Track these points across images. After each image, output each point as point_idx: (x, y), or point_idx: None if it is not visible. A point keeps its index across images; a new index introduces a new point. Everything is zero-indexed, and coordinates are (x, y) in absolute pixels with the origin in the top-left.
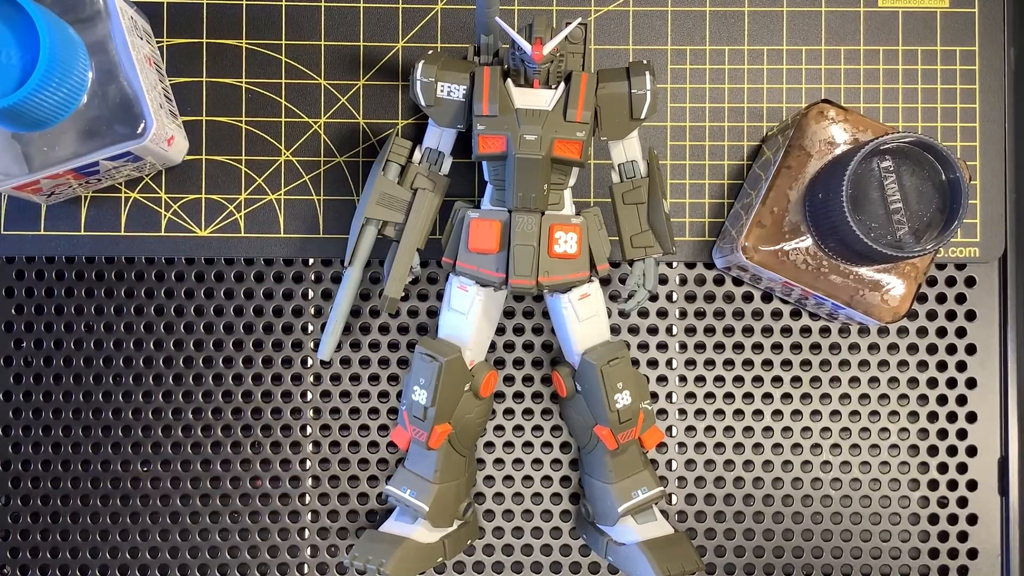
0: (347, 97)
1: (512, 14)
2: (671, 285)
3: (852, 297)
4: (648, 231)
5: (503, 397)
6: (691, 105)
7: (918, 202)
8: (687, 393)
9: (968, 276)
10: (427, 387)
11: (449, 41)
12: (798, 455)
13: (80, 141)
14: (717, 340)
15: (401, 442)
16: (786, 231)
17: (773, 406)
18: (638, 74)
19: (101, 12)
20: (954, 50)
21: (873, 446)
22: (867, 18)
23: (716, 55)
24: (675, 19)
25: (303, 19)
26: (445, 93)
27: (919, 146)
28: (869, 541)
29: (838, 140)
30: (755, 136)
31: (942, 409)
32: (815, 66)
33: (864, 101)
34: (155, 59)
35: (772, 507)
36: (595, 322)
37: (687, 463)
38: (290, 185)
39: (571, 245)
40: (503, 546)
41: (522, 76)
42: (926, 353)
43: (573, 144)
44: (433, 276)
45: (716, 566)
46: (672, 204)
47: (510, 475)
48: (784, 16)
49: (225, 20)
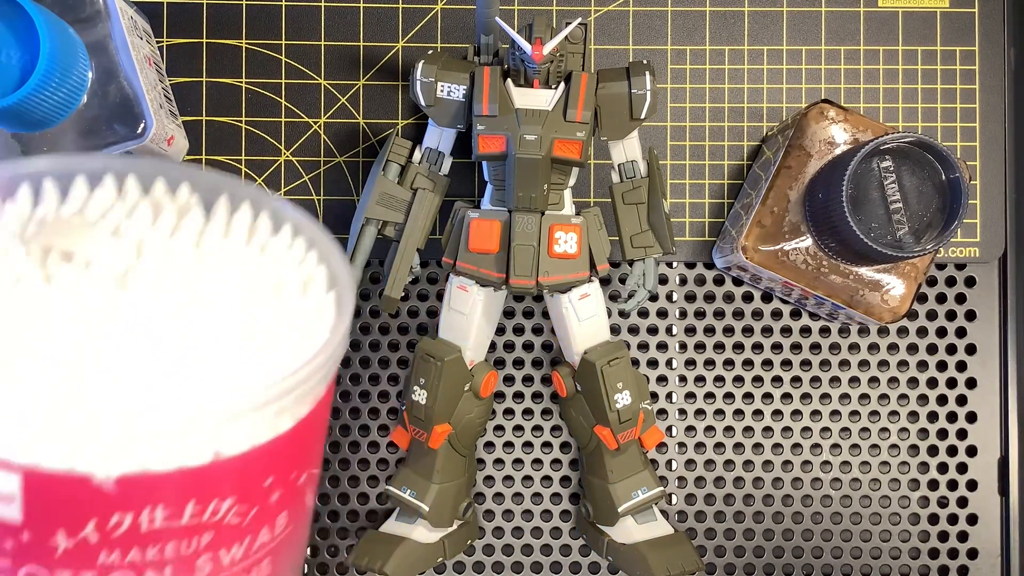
0: (347, 97)
1: (512, 14)
2: (671, 285)
3: (852, 297)
4: (648, 231)
5: (503, 397)
6: (691, 105)
7: (918, 202)
8: (687, 393)
9: (968, 276)
10: (427, 387)
11: (449, 41)
12: (798, 455)
13: (80, 141)
14: (717, 340)
15: (401, 442)
16: (786, 231)
17: (773, 406)
18: (638, 74)
19: (101, 12)
20: (954, 50)
21: (873, 446)
22: (867, 18)
23: (716, 55)
24: (675, 19)
25: (303, 19)
26: (445, 93)
27: (919, 146)
28: (869, 541)
29: (838, 140)
30: (755, 136)
31: (942, 409)
32: (815, 66)
33: (864, 101)
34: (155, 59)
35: (772, 507)
36: (595, 322)
37: (687, 463)
38: (290, 185)
39: (571, 245)
40: (503, 546)
41: (522, 76)
42: (926, 353)
43: (573, 144)
44: (433, 276)
45: (716, 566)
46: (672, 204)
47: (510, 475)
48: (784, 16)
49: (225, 20)
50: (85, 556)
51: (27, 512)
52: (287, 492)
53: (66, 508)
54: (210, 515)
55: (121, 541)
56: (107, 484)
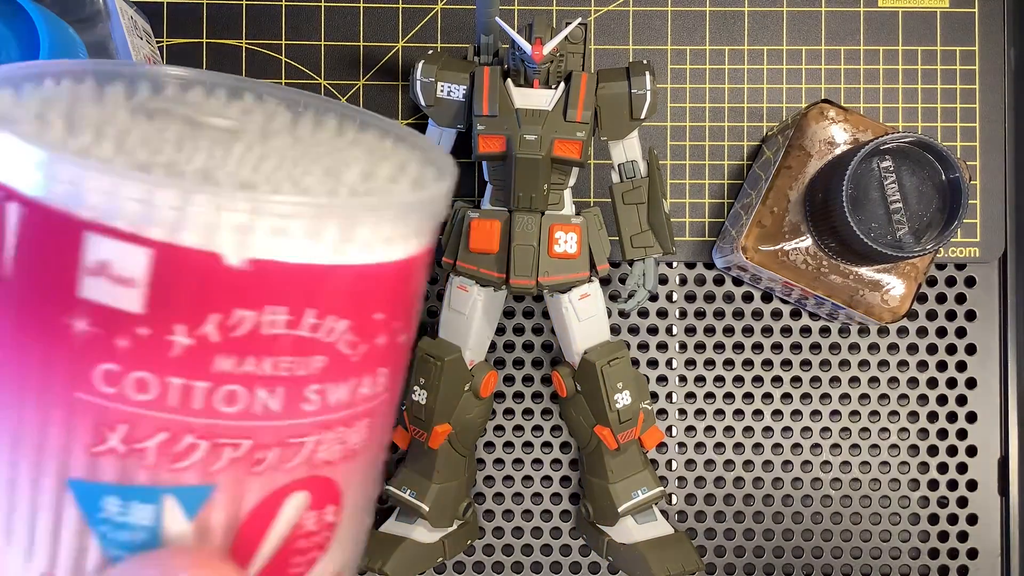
0: (347, 97)
1: (512, 14)
2: (671, 285)
3: (852, 297)
4: (648, 231)
5: (503, 397)
6: (691, 105)
7: (918, 202)
8: (687, 393)
9: (968, 276)
10: (427, 387)
11: (449, 41)
12: (798, 455)
13: None
14: (717, 340)
15: (401, 442)
16: (786, 231)
17: (773, 406)
18: (638, 74)
19: (101, 12)
20: (954, 50)
21: (873, 446)
22: (867, 18)
23: (716, 55)
24: (675, 19)
25: (303, 19)
26: (445, 93)
27: (919, 146)
28: (869, 541)
29: (838, 140)
30: (755, 136)
31: (942, 409)
32: (815, 66)
33: (864, 101)
34: (155, 59)
35: (772, 507)
36: (595, 322)
37: (687, 463)
38: None
39: (571, 245)
40: (503, 546)
41: (522, 76)
42: (926, 353)
43: (573, 144)
44: (433, 276)
45: (716, 566)
46: (672, 204)
47: (510, 475)
48: (784, 16)
49: (225, 20)
50: (201, 360)
51: (150, 300)
52: (389, 344)
53: (191, 296)
54: (325, 333)
55: (239, 345)
56: (238, 266)
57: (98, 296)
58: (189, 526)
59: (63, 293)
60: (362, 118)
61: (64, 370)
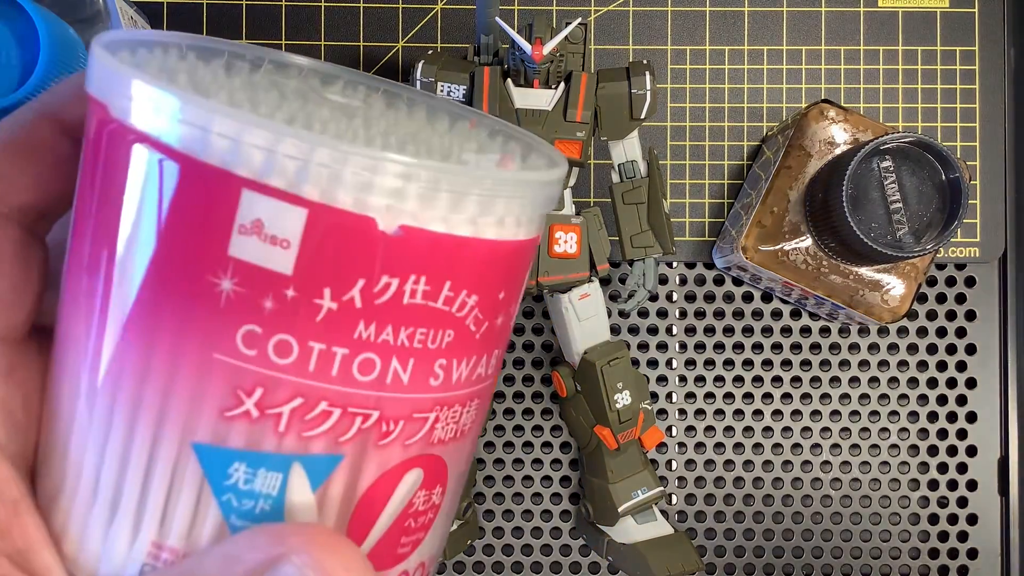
0: None
1: (512, 14)
2: (671, 285)
3: (852, 297)
4: (648, 231)
5: (503, 397)
6: (691, 105)
7: (918, 202)
8: (687, 393)
9: (968, 276)
10: None
11: (449, 41)
12: (798, 455)
13: None
14: (717, 340)
15: None
16: (786, 231)
17: (773, 406)
18: (638, 74)
19: (101, 12)
20: (954, 50)
21: (873, 446)
22: (867, 18)
23: (716, 55)
24: (675, 19)
25: (303, 19)
26: (445, 93)
27: (919, 146)
28: (869, 541)
29: (838, 140)
30: (755, 136)
31: (942, 409)
32: (815, 66)
33: (864, 101)
34: None
35: (772, 507)
36: (595, 322)
37: (687, 463)
38: None
39: (571, 245)
40: (503, 546)
41: (522, 76)
42: (926, 353)
43: (573, 144)
44: None
45: (716, 566)
46: (672, 204)
47: (510, 475)
48: (784, 16)
49: (225, 20)
50: (343, 326)
51: (300, 261)
52: (505, 324)
53: (341, 259)
54: (458, 307)
55: (380, 312)
56: (390, 230)
57: (249, 256)
58: (312, 498)
59: (214, 251)
60: (480, 119)
61: (202, 330)
